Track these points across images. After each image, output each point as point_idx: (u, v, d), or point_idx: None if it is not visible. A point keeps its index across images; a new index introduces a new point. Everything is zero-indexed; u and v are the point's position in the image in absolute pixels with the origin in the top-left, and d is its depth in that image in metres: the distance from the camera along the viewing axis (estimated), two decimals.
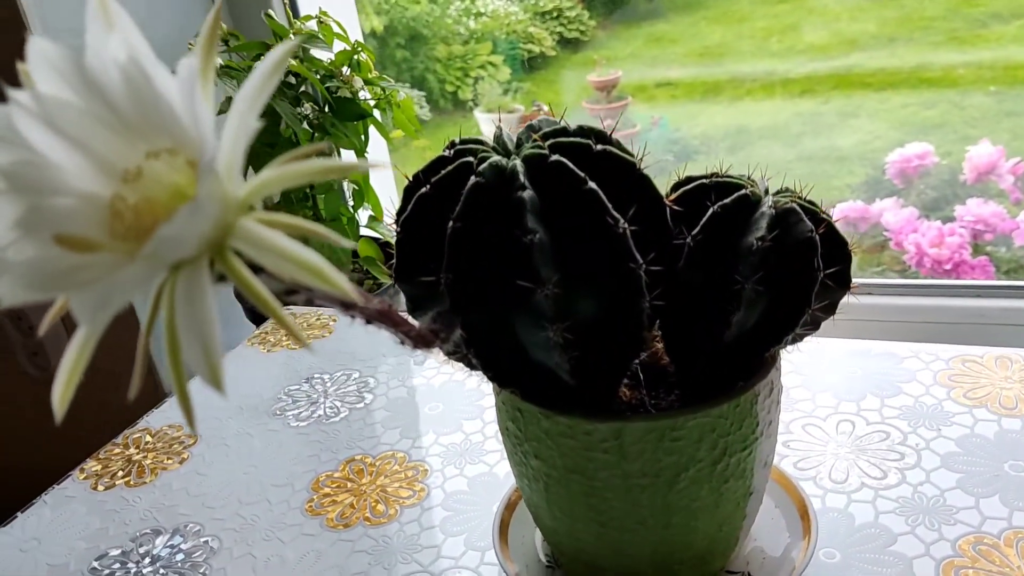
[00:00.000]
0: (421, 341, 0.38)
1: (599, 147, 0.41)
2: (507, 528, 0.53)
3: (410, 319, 0.37)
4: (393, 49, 1.48)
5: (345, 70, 1.09)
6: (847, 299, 0.45)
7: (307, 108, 1.06)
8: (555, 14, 1.55)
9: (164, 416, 0.76)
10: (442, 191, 0.41)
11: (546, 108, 1.52)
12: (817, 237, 0.42)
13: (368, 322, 0.33)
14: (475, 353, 0.42)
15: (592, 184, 0.39)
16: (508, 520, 0.54)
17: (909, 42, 1.38)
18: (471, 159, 0.41)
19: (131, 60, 0.21)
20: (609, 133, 0.43)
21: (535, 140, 0.41)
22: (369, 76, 1.11)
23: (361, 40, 1.14)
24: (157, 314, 0.24)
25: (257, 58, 1.06)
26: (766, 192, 0.44)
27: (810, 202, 0.44)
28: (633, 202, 0.41)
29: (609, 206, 0.39)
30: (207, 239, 0.23)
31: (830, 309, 0.45)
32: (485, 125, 1.55)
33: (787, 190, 0.45)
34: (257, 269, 0.26)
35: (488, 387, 0.73)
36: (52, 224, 0.22)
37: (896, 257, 1.28)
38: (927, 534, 0.52)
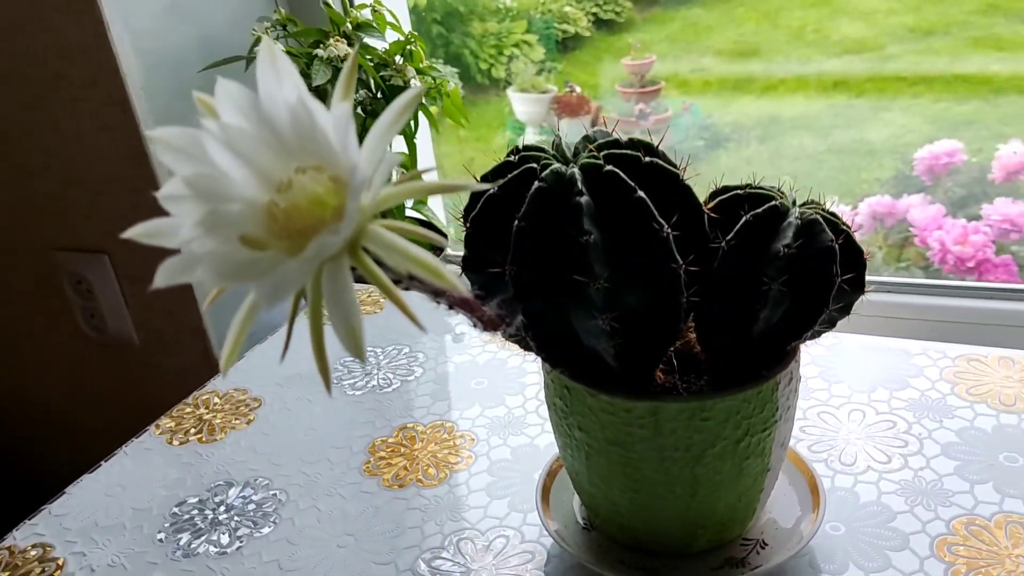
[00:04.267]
0: (490, 325, 0.44)
1: (647, 159, 0.47)
2: (548, 493, 0.60)
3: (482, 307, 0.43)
4: (429, 24, 1.49)
5: (398, 59, 1.15)
6: (866, 297, 0.51)
7: (361, 95, 1.12)
8: None
9: (228, 382, 0.83)
10: (508, 193, 0.47)
11: (578, 89, 1.55)
12: (837, 247, 0.48)
13: (451, 308, 0.40)
14: (533, 336, 0.48)
15: (641, 193, 0.45)
16: (550, 486, 0.60)
17: (947, 36, 1.39)
18: (534, 165, 0.47)
19: (299, 101, 0.27)
20: (656, 144, 0.48)
21: (591, 150, 0.47)
22: (420, 65, 1.16)
23: (414, 31, 1.19)
24: (299, 301, 0.30)
25: (314, 44, 1.11)
26: (793, 203, 0.50)
27: (832, 214, 0.50)
28: (676, 208, 0.46)
29: (655, 213, 0.45)
30: (347, 241, 0.29)
31: (846, 310, 0.50)
32: (518, 104, 1.58)
33: (813, 202, 0.51)
34: (378, 262, 0.33)
35: (528, 366, 0.79)
36: (225, 224, 0.28)
37: (920, 253, 1.31)
38: (924, 514, 0.58)
